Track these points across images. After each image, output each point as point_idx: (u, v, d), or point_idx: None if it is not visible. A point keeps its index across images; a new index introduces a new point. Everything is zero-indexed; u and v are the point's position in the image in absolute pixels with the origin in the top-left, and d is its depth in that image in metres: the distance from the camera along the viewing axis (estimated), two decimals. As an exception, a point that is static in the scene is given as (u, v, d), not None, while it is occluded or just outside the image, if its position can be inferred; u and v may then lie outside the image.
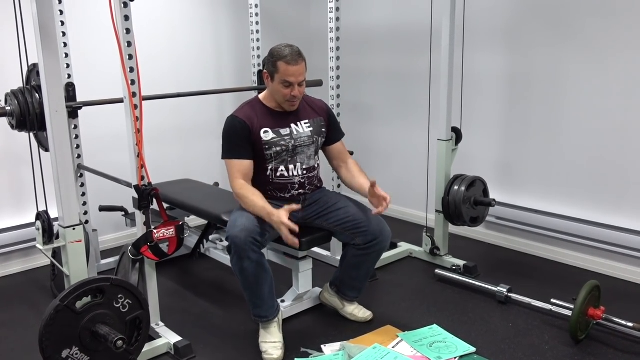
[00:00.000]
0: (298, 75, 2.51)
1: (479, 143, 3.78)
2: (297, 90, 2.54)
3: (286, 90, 2.54)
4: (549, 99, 3.43)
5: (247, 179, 2.58)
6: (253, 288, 2.51)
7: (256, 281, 2.48)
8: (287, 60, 2.49)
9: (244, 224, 2.42)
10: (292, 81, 2.51)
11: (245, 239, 2.39)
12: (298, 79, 2.52)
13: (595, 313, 2.57)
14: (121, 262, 2.58)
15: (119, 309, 2.12)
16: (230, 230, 2.44)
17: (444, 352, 2.50)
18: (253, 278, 2.47)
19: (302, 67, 2.52)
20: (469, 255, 3.54)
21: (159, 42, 3.93)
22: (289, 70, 2.49)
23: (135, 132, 2.33)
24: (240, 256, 2.41)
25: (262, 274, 2.48)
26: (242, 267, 2.44)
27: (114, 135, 3.56)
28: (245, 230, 2.40)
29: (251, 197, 2.49)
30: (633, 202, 3.19)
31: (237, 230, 2.41)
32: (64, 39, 3.04)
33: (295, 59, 2.50)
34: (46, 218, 2.39)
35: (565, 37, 3.31)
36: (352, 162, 2.82)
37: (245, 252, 2.40)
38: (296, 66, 2.50)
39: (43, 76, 2.21)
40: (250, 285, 2.50)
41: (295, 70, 2.50)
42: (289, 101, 2.58)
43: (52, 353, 1.97)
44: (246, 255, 2.41)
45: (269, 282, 2.52)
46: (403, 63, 4.16)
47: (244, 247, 2.39)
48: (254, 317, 2.60)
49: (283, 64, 2.49)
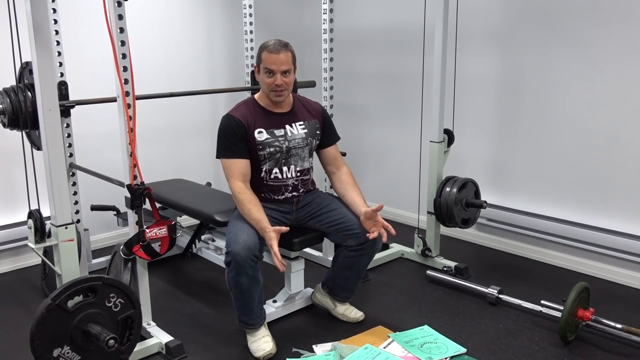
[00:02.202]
0: (280, 64, 2.51)
1: (470, 145, 3.80)
2: (280, 79, 2.53)
3: (269, 79, 2.54)
4: (540, 101, 3.46)
5: (246, 179, 2.57)
6: (245, 299, 2.52)
7: (249, 294, 2.50)
8: (270, 49, 2.52)
9: (246, 241, 2.41)
10: (274, 69, 2.51)
11: (247, 257, 2.39)
12: (280, 67, 2.52)
13: (584, 314, 2.59)
14: (113, 262, 2.57)
15: (110, 308, 2.11)
16: (232, 246, 2.42)
17: (434, 353, 2.52)
18: (247, 292, 2.48)
19: (284, 55, 2.52)
20: (460, 256, 3.56)
21: (152, 42, 3.92)
22: (271, 58, 2.51)
23: (128, 131, 2.33)
24: (239, 272, 2.42)
25: (255, 286, 2.50)
26: (238, 282, 2.45)
27: (106, 134, 3.55)
28: (247, 248, 2.40)
29: (248, 206, 2.49)
30: (622, 205, 3.22)
31: (239, 247, 2.40)
32: (56, 37, 3.03)
33: (277, 48, 2.51)
34: (38, 217, 2.38)
35: (556, 41, 3.33)
36: (345, 171, 2.79)
37: (245, 269, 2.40)
38: (277, 54, 2.51)
39: (36, 74, 2.20)
40: (243, 297, 2.51)
41: (276, 58, 2.51)
42: (273, 91, 2.57)
43: (43, 352, 1.96)
44: (245, 272, 2.41)
45: (259, 293, 2.54)
46: (396, 65, 4.17)
47: (244, 265, 2.40)
48: (239, 323, 2.61)
49: (266, 52, 2.53)
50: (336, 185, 2.79)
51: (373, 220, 2.56)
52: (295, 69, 2.61)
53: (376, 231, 2.53)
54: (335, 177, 2.80)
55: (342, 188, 2.75)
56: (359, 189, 2.74)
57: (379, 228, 2.54)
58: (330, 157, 2.81)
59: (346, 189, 2.73)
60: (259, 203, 2.53)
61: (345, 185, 2.74)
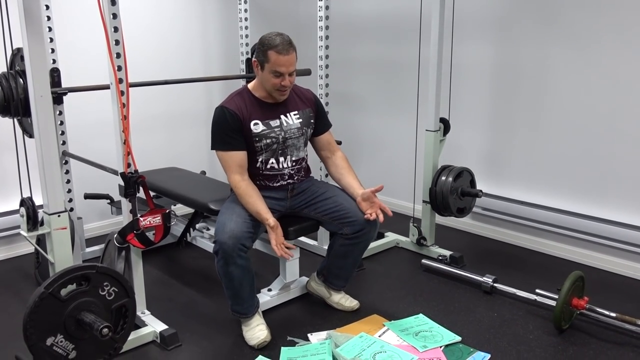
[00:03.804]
0: (289, 65, 2.47)
1: (466, 134, 3.79)
2: (288, 80, 2.50)
3: (276, 80, 2.49)
4: (536, 91, 3.45)
5: (243, 171, 2.55)
6: (236, 288, 2.51)
7: (240, 283, 2.49)
8: (278, 50, 2.43)
9: (233, 230, 2.40)
10: (283, 71, 2.46)
11: (234, 245, 2.38)
12: (289, 69, 2.47)
13: (579, 303, 2.60)
14: (106, 250, 2.56)
15: (104, 297, 2.10)
16: (219, 236, 2.42)
17: (429, 341, 2.52)
18: (237, 281, 2.47)
19: (293, 57, 2.48)
20: (456, 245, 3.56)
21: (146, 28, 3.88)
22: (280, 60, 2.44)
23: (121, 119, 2.31)
24: (227, 262, 2.41)
25: (246, 276, 2.49)
26: (227, 271, 2.44)
27: (100, 122, 3.52)
28: (234, 238, 2.38)
29: (246, 199, 2.48)
30: (617, 195, 3.22)
31: (226, 236, 2.39)
32: (48, 23, 2.99)
33: (287, 49, 2.44)
34: (30, 205, 2.35)
35: (553, 31, 3.32)
36: (340, 155, 2.79)
37: (233, 258, 2.39)
38: (287, 56, 2.45)
39: (27, 60, 2.17)
40: (233, 286, 2.50)
41: (286, 60, 2.45)
42: (279, 90, 2.54)
43: (36, 341, 1.95)
44: (233, 262, 2.40)
45: (250, 282, 2.53)
46: (392, 53, 4.15)
47: (232, 254, 2.39)
48: (232, 312, 2.61)
49: (274, 53, 2.44)
50: (331, 170, 2.78)
51: (370, 202, 2.55)
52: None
53: (373, 212, 2.52)
54: (330, 162, 2.79)
55: (337, 172, 2.74)
56: (354, 173, 2.73)
57: (375, 209, 2.53)
58: (324, 142, 2.80)
59: (341, 173, 2.72)
60: (258, 193, 2.52)
61: (340, 170, 2.74)
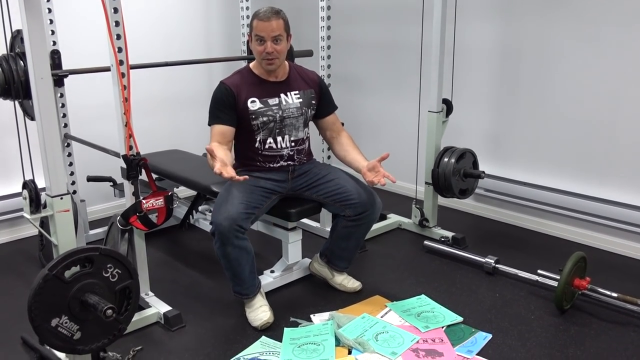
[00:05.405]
0: (270, 31, 2.48)
1: (469, 115, 3.77)
2: (271, 47, 2.50)
3: (260, 47, 2.51)
4: (539, 71, 3.42)
5: (225, 142, 2.52)
6: (235, 269, 2.52)
7: (238, 264, 2.49)
8: (260, 17, 2.49)
9: (228, 211, 2.41)
10: (264, 36, 2.48)
11: (230, 227, 2.38)
12: (270, 34, 2.48)
13: (580, 283, 2.60)
14: (110, 233, 2.57)
15: (108, 279, 2.11)
16: (214, 217, 2.43)
17: (431, 322, 2.53)
18: (235, 262, 2.48)
19: (275, 23, 2.48)
20: (458, 227, 3.57)
21: (147, 10, 3.85)
22: (260, 25, 2.48)
23: (122, 101, 2.30)
24: (224, 243, 2.41)
25: (245, 256, 2.49)
26: (225, 252, 2.44)
27: (101, 104, 3.51)
28: (229, 219, 2.39)
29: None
30: (619, 175, 3.21)
31: (221, 218, 2.40)
32: (48, 4, 2.97)
33: (268, 16, 2.48)
34: (33, 187, 2.35)
35: (556, 10, 3.28)
36: (345, 135, 2.80)
37: (229, 239, 2.40)
38: (268, 22, 2.47)
39: (27, 42, 2.15)
40: (232, 267, 2.51)
41: (266, 25, 2.47)
42: (264, 59, 2.54)
43: (41, 322, 1.97)
44: (230, 242, 2.41)
45: (250, 263, 2.53)
46: (394, 34, 4.11)
47: (228, 235, 2.39)
48: (234, 293, 2.62)
49: (256, 20, 2.50)
50: (336, 148, 2.78)
51: (375, 171, 2.54)
52: (289, 36, 2.57)
53: (377, 179, 2.48)
54: (336, 141, 2.79)
55: (342, 150, 2.75)
56: (360, 150, 2.73)
57: (379, 178, 2.50)
58: (329, 123, 2.80)
59: (347, 150, 2.73)
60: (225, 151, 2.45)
61: (345, 147, 2.74)
